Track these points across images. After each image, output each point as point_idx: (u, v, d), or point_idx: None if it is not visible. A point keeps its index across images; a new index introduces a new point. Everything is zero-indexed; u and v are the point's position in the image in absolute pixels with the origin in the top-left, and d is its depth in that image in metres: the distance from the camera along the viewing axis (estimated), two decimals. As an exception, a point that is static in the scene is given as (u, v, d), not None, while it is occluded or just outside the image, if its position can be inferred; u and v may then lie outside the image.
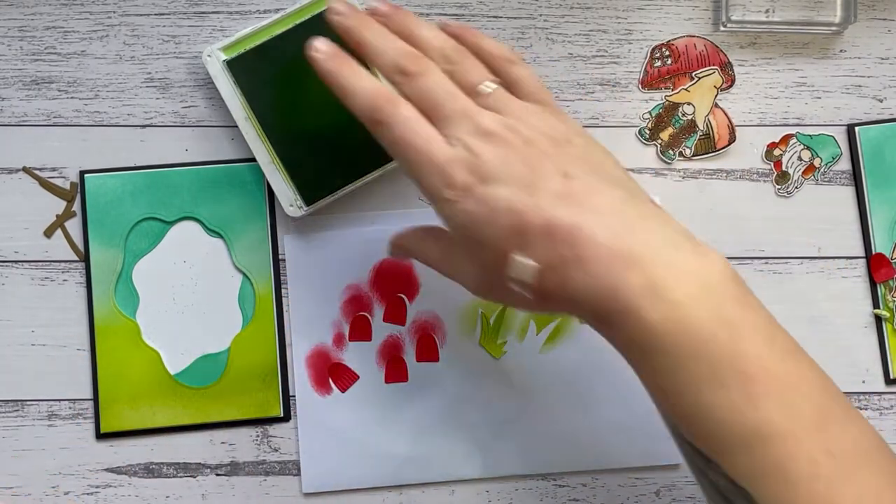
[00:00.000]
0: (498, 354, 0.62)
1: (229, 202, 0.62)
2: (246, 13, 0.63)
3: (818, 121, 0.64)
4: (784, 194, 0.64)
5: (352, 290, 0.62)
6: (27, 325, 0.61)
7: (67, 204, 0.62)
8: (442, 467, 0.62)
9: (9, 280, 0.62)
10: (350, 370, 0.62)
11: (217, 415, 0.61)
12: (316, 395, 0.61)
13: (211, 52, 0.59)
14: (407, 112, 0.46)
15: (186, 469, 0.62)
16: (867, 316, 0.64)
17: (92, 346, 0.61)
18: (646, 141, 0.64)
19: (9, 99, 0.62)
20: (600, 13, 0.64)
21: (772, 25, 0.64)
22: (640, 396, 0.62)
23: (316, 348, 0.62)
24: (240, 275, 0.62)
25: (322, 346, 0.62)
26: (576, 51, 0.64)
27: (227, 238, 0.62)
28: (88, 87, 0.62)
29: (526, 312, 0.62)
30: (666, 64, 0.64)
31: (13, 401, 0.61)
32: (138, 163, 0.62)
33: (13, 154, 0.62)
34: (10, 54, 0.62)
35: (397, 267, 0.62)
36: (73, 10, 0.62)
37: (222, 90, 0.59)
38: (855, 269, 0.64)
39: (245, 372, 0.61)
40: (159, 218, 0.62)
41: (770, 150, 0.64)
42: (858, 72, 0.65)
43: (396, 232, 0.55)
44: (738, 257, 0.64)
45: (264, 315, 0.62)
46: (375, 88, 0.47)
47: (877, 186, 0.64)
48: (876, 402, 0.63)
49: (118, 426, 0.61)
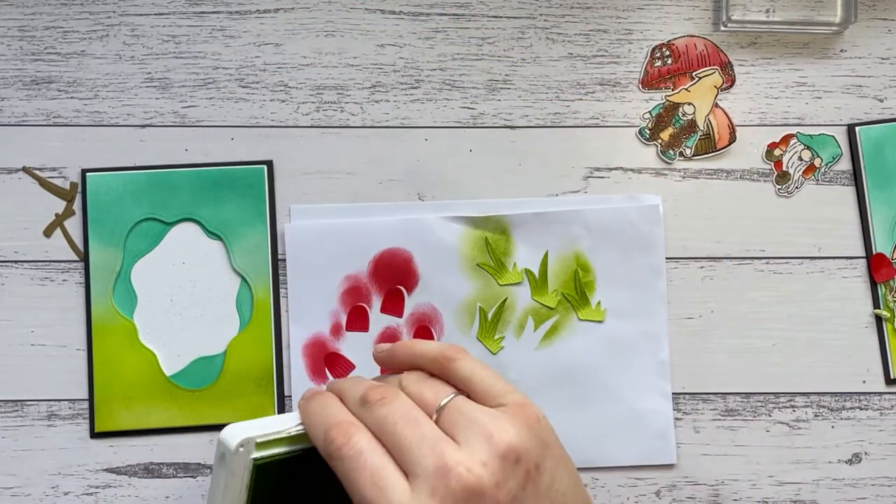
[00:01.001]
0: (495, 350, 0.62)
1: (230, 204, 0.62)
2: (246, 13, 0.63)
3: (818, 121, 0.64)
4: (784, 194, 0.64)
5: (350, 280, 0.62)
6: (27, 325, 0.61)
7: (67, 204, 0.62)
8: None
9: (8, 280, 0.62)
10: (346, 360, 0.62)
11: (212, 417, 0.61)
12: (312, 385, 0.62)
13: (245, 443, 0.43)
14: (361, 443, 0.40)
15: (186, 469, 0.62)
16: (867, 316, 0.64)
17: (88, 345, 0.61)
18: (646, 141, 0.64)
19: (9, 99, 0.62)
20: (600, 13, 0.64)
21: (772, 25, 0.64)
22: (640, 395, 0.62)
23: (313, 337, 0.62)
24: (238, 278, 0.62)
25: (319, 335, 0.62)
26: (576, 51, 0.64)
27: (227, 240, 0.62)
28: (88, 87, 0.62)
29: (524, 308, 0.62)
30: (666, 64, 0.64)
31: (13, 401, 0.61)
32: (138, 163, 0.62)
33: (13, 154, 0.62)
34: (10, 54, 0.62)
35: (397, 258, 0.62)
36: (73, 10, 0.62)
37: (227, 484, 0.43)
38: (855, 269, 0.64)
39: (241, 375, 0.61)
40: (159, 219, 0.62)
41: (770, 150, 0.64)
42: (859, 72, 0.64)
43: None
44: (738, 257, 0.64)
45: (262, 319, 0.62)
46: (334, 418, 0.42)
47: (877, 186, 0.64)
48: (876, 403, 0.63)
49: (113, 426, 0.61)
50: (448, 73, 0.64)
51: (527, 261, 0.63)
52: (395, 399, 0.42)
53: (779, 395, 0.63)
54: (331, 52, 0.63)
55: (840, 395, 0.63)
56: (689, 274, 0.63)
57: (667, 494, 0.62)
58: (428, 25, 0.64)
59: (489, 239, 0.62)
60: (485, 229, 0.63)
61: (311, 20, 0.64)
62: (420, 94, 0.63)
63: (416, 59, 0.64)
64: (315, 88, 0.63)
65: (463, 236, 0.62)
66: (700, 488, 0.62)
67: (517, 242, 0.63)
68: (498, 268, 0.63)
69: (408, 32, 0.64)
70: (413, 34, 0.64)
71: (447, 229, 0.62)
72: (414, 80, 0.64)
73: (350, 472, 0.39)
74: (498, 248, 0.63)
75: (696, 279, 0.63)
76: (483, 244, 0.62)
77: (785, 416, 0.63)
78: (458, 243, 0.62)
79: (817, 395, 0.63)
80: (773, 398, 0.63)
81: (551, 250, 0.63)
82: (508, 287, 0.63)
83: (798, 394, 0.63)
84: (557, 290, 0.63)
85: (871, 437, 0.63)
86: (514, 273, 0.63)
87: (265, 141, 0.63)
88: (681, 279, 0.63)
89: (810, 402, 0.63)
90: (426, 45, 0.64)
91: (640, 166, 0.64)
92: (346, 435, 0.40)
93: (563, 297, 0.63)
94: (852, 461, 0.63)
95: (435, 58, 0.64)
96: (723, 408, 0.63)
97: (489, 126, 0.63)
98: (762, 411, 0.63)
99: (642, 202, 0.63)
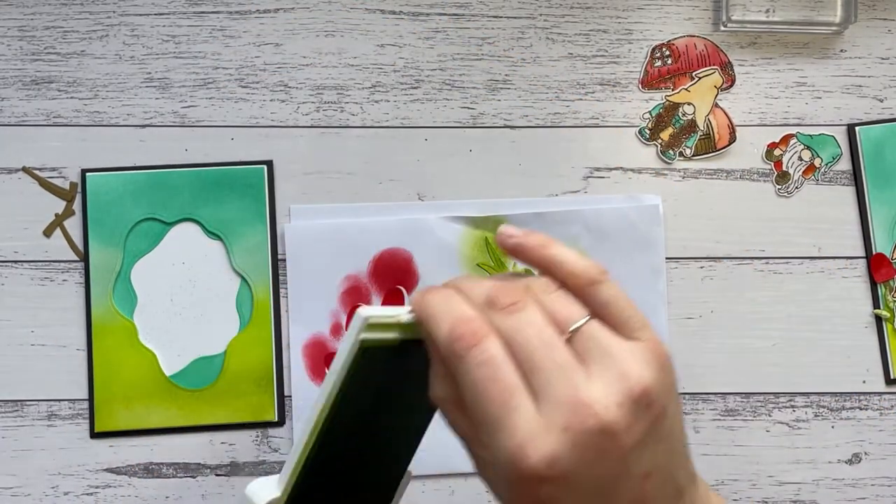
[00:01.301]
0: (497, 354, 0.62)
1: (229, 204, 0.62)
2: (246, 13, 0.63)
3: (818, 121, 0.64)
4: (784, 194, 0.64)
5: (351, 280, 0.62)
6: (27, 325, 0.61)
7: (67, 203, 0.62)
8: (438, 460, 0.62)
9: (8, 280, 0.62)
10: (347, 363, 0.62)
11: (212, 417, 0.61)
12: (312, 385, 0.62)
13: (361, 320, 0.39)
14: (493, 349, 0.37)
15: (186, 469, 0.62)
16: (867, 316, 0.64)
17: (88, 345, 0.61)
18: (646, 141, 0.64)
19: (8, 99, 0.62)
20: (600, 13, 0.64)
21: (772, 25, 0.64)
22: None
23: (313, 337, 0.62)
24: (238, 278, 0.62)
25: (319, 335, 0.62)
26: (576, 51, 0.64)
27: (227, 240, 0.62)
28: (88, 86, 0.62)
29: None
30: (666, 64, 0.64)
31: (13, 401, 0.61)
32: (138, 163, 0.62)
33: (13, 154, 0.62)
34: (10, 54, 0.62)
35: (397, 258, 0.62)
36: (73, 9, 0.62)
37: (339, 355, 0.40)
38: (855, 269, 0.64)
39: (241, 375, 0.61)
40: (159, 219, 0.62)
41: (770, 150, 0.64)
42: (859, 72, 0.64)
43: None
44: (738, 257, 0.64)
45: (262, 319, 0.62)
46: (462, 314, 0.38)
47: (877, 186, 0.64)
48: (876, 403, 0.63)
49: (112, 426, 0.61)
50: (448, 73, 0.64)
51: (527, 261, 0.62)
52: (528, 308, 0.38)
53: (779, 395, 0.63)
54: (331, 52, 0.63)
55: (840, 395, 0.63)
56: (689, 274, 0.63)
57: (667, 494, 0.62)
58: (428, 25, 0.64)
59: (489, 239, 0.62)
60: (485, 229, 0.62)
61: (311, 20, 0.63)
62: (420, 94, 0.63)
63: (416, 59, 0.64)
64: (315, 88, 0.63)
65: (463, 236, 0.62)
66: (700, 488, 0.62)
67: (517, 242, 0.63)
68: (498, 268, 0.63)
69: (408, 32, 0.64)
70: (413, 34, 0.64)
71: (447, 229, 0.62)
72: (414, 80, 0.64)
73: (478, 380, 0.36)
74: (498, 249, 0.63)
75: (696, 279, 0.63)
76: (483, 244, 0.62)
77: (785, 416, 0.63)
78: (458, 243, 0.62)
79: (817, 395, 0.63)
80: (773, 398, 0.63)
81: (551, 250, 0.63)
82: (508, 287, 0.62)
83: (798, 394, 0.63)
84: (557, 290, 0.62)
85: (871, 437, 0.63)
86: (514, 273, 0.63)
87: (265, 141, 0.63)
88: (681, 279, 0.63)
89: (810, 402, 0.63)
90: (426, 45, 0.64)
91: (640, 166, 0.64)
92: (476, 335, 0.37)
93: (563, 297, 0.62)
94: (852, 461, 0.63)
95: (435, 58, 0.64)
96: (723, 408, 0.63)
97: (489, 126, 0.63)
98: (762, 411, 0.63)
99: (642, 202, 0.63)
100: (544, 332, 0.38)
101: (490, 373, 0.36)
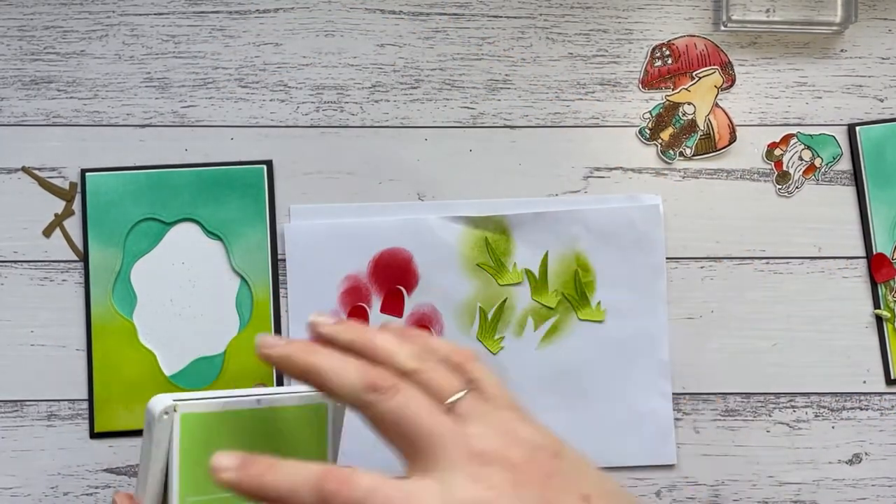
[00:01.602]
0: (495, 350, 0.62)
1: (229, 204, 0.62)
2: (246, 13, 0.63)
3: (819, 121, 0.64)
4: (785, 194, 0.64)
5: (350, 280, 0.62)
6: (26, 325, 0.61)
7: (66, 203, 0.62)
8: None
9: (8, 280, 0.62)
10: (348, 365, 0.62)
11: (213, 416, 0.61)
12: None
13: (178, 406, 0.44)
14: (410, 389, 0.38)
15: (186, 469, 0.62)
16: (868, 316, 0.64)
17: (88, 345, 0.61)
18: (646, 141, 0.64)
19: (8, 99, 0.62)
20: (600, 13, 0.64)
21: (772, 25, 0.64)
22: (640, 395, 0.62)
23: None
24: (238, 278, 0.62)
25: None
26: (576, 50, 0.64)
27: (227, 240, 0.62)
28: (87, 86, 0.62)
29: (524, 308, 0.62)
30: (666, 64, 0.64)
31: (12, 401, 0.61)
32: (137, 163, 0.62)
33: (12, 154, 0.62)
34: (10, 54, 0.62)
35: (397, 258, 0.62)
36: (73, 9, 0.62)
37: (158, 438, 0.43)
38: (855, 269, 0.64)
39: (240, 376, 0.61)
40: (159, 219, 0.62)
41: (771, 149, 0.64)
42: (859, 71, 0.64)
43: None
44: (738, 257, 0.63)
45: (261, 319, 0.61)
46: (368, 369, 0.39)
47: (877, 186, 0.64)
48: (876, 403, 0.63)
49: (112, 426, 0.61)
50: (448, 73, 0.64)
51: (527, 261, 0.62)
52: (406, 388, 0.39)
53: (779, 395, 0.63)
54: (331, 52, 0.63)
55: (840, 396, 0.63)
56: (689, 274, 0.63)
57: (667, 495, 0.62)
58: (428, 25, 0.64)
59: (489, 239, 0.62)
60: (485, 229, 0.62)
61: (311, 20, 0.63)
62: (420, 94, 0.63)
63: (416, 59, 0.64)
64: (315, 88, 0.63)
65: (463, 236, 0.62)
66: (700, 488, 0.62)
67: (517, 242, 0.63)
68: (498, 268, 0.62)
69: (408, 32, 0.64)
70: (413, 34, 0.64)
71: (447, 229, 0.62)
72: (414, 80, 0.63)
73: (401, 409, 0.38)
74: (498, 248, 0.63)
75: (696, 279, 0.63)
76: (483, 244, 0.62)
77: (785, 416, 0.63)
78: (458, 243, 0.62)
79: (817, 395, 0.63)
80: (773, 398, 0.63)
81: (551, 250, 0.63)
82: (508, 287, 0.62)
83: (798, 394, 0.63)
84: (557, 290, 0.63)
85: (871, 437, 0.63)
86: (514, 273, 0.63)
87: (265, 141, 0.63)
88: (681, 279, 0.63)
89: (810, 402, 0.63)
90: (426, 45, 0.64)
91: (640, 166, 0.64)
92: (390, 381, 0.39)
93: (563, 297, 0.62)
94: (852, 461, 0.63)
95: (435, 58, 0.64)
96: (723, 408, 0.63)
97: (489, 126, 0.63)
98: (762, 411, 0.63)
99: (642, 202, 0.63)
100: (424, 404, 0.38)
101: (414, 400, 0.38)
